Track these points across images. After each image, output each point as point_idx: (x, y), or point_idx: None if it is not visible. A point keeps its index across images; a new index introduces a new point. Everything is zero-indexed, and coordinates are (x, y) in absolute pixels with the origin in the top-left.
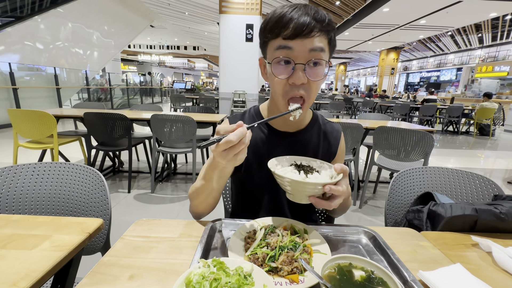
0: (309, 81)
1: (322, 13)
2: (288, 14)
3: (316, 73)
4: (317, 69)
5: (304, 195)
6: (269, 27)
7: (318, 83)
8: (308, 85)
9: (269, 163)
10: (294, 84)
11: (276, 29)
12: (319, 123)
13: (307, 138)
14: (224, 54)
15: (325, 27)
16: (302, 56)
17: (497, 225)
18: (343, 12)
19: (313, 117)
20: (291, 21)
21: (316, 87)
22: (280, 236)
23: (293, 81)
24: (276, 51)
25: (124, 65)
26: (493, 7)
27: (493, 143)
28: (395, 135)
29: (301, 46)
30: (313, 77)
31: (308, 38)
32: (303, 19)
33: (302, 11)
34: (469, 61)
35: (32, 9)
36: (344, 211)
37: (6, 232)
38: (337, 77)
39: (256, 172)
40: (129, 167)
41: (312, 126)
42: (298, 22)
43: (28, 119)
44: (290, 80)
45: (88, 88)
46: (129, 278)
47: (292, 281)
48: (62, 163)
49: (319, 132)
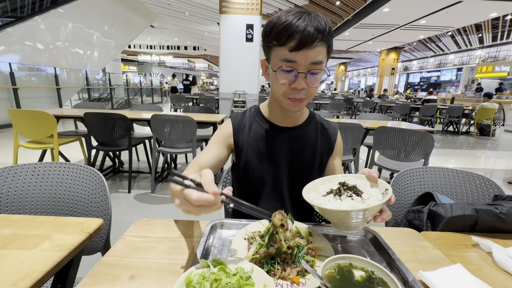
0: (308, 86)
1: (323, 22)
2: (294, 23)
3: (315, 79)
4: (317, 76)
5: (365, 221)
6: (274, 34)
7: (316, 88)
8: (307, 89)
9: (306, 197)
10: (295, 89)
11: (282, 38)
12: (316, 119)
13: (305, 133)
14: (224, 54)
15: (325, 37)
16: (304, 66)
17: (498, 225)
18: (343, 12)
19: (310, 114)
20: (296, 33)
21: (315, 90)
22: (282, 238)
23: (295, 86)
24: (280, 62)
25: (124, 65)
26: (493, 7)
27: (494, 143)
28: (395, 135)
29: (304, 58)
30: (312, 83)
31: (311, 48)
32: (307, 31)
33: (307, 22)
34: (469, 61)
35: (33, 9)
36: None
37: (6, 232)
38: (337, 77)
39: (256, 167)
40: (129, 167)
41: (310, 122)
42: (303, 34)
43: (29, 119)
44: (292, 85)
45: (88, 88)
46: (129, 278)
47: (293, 282)
48: (62, 163)
49: (316, 127)
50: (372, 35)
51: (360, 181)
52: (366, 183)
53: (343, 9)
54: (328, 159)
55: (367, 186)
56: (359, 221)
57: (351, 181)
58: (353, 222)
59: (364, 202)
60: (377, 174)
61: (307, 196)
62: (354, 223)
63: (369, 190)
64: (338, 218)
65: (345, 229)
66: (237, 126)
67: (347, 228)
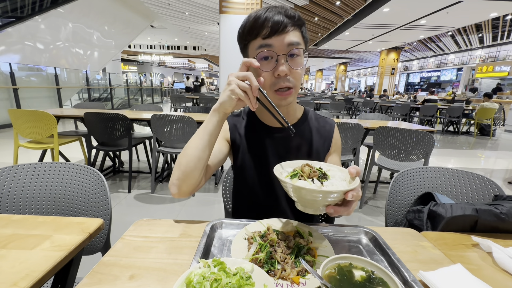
0: (291, 70)
1: (291, 10)
2: (262, 15)
3: (296, 62)
4: (297, 59)
5: (319, 205)
6: (247, 30)
7: (300, 72)
8: (292, 75)
9: (274, 170)
10: (279, 76)
11: (254, 30)
12: (311, 117)
13: (299, 132)
14: (224, 54)
15: (296, 22)
16: (282, 49)
17: (498, 225)
18: (343, 12)
19: (305, 112)
20: (267, 21)
21: (299, 76)
22: (280, 238)
23: (278, 73)
24: (257, 50)
25: (125, 65)
26: (493, 7)
27: (494, 143)
28: (395, 135)
29: (280, 42)
30: (294, 66)
31: (284, 33)
32: (277, 18)
33: (275, 11)
34: (469, 61)
35: (33, 9)
36: None
37: (7, 232)
38: (337, 77)
39: (252, 167)
40: (129, 167)
41: (304, 121)
42: (273, 21)
43: (29, 119)
44: (275, 73)
45: (88, 88)
46: (129, 278)
47: (293, 282)
48: (63, 163)
49: (311, 126)
50: (372, 35)
51: (340, 173)
52: (341, 175)
53: (343, 9)
54: (325, 156)
55: (340, 178)
56: (312, 201)
57: (331, 171)
58: (300, 199)
59: (322, 187)
60: (355, 171)
61: (277, 169)
62: (302, 201)
63: (337, 180)
64: (294, 194)
65: (299, 207)
66: (233, 126)
67: (299, 205)
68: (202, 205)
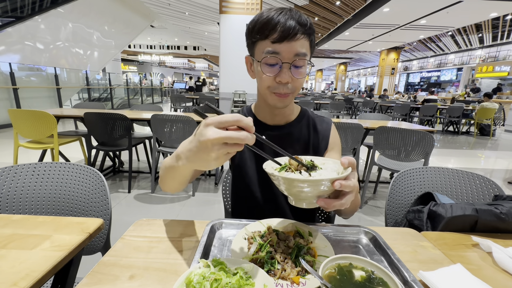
0: (293, 79)
1: (304, 17)
2: (275, 17)
3: (299, 72)
4: (301, 69)
5: (309, 197)
6: (257, 28)
7: (301, 80)
8: (293, 83)
9: (264, 166)
10: (280, 82)
11: (265, 31)
12: (308, 116)
13: (296, 130)
14: (224, 54)
15: (307, 30)
16: (287, 58)
17: (498, 225)
18: (343, 12)
19: (301, 111)
20: (278, 25)
21: (300, 84)
22: (281, 239)
23: (280, 79)
24: (264, 54)
25: (124, 65)
26: (493, 7)
27: (494, 143)
28: (395, 135)
29: (288, 50)
30: (297, 75)
31: (293, 41)
32: (289, 23)
33: (288, 16)
34: (469, 61)
35: (33, 9)
36: (355, 209)
37: (7, 232)
38: (337, 77)
39: (249, 167)
40: (129, 167)
41: (301, 120)
42: (285, 26)
43: (29, 119)
44: (277, 79)
45: (88, 88)
46: (129, 278)
47: (293, 282)
48: (62, 163)
49: (308, 125)
50: (372, 35)
51: (333, 165)
52: (334, 167)
53: (343, 9)
54: (323, 155)
55: (332, 168)
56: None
57: (325, 164)
58: (289, 191)
59: (309, 177)
60: (347, 161)
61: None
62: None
63: (328, 171)
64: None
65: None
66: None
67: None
68: (202, 205)
